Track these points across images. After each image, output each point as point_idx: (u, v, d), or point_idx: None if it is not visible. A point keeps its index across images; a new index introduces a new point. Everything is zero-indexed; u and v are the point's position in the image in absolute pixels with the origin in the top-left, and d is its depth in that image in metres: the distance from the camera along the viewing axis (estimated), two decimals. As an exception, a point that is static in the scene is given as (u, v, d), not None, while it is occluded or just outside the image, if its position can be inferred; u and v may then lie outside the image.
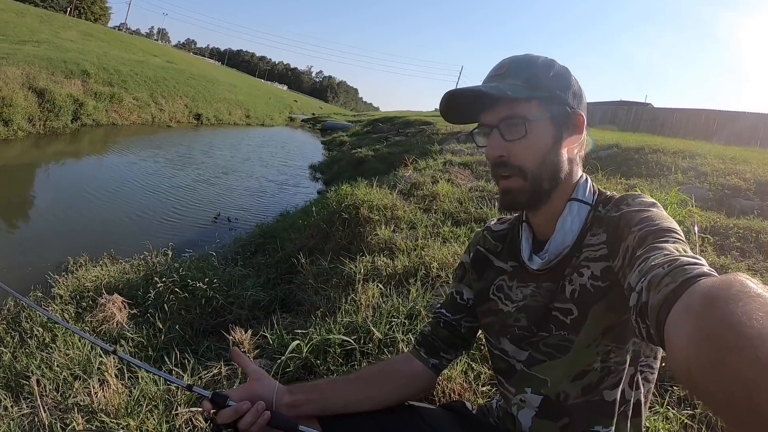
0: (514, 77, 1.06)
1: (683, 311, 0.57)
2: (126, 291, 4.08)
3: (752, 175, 6.45)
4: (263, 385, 1.17)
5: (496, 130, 1.07)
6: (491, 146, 1.08)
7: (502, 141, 1.06)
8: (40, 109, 13.64)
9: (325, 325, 2.71)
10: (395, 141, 16.84)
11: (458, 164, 8.01)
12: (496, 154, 1.07)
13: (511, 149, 1.06)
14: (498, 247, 1.29)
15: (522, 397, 1.17)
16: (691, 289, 0.59)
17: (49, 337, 3.23)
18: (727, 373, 0.46)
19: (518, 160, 1.06)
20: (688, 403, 2.09)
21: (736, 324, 0.47)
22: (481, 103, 1.09)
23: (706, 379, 0.48)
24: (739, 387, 0.44)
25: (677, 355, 0.54)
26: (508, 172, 1.08)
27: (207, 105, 26.37)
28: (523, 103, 1.04)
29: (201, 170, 12.66)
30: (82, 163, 11.65)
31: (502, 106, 1.06)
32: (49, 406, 2.34)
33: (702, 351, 0.49)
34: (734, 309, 0.49)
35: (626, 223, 0.96)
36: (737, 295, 0.51)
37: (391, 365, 1.46)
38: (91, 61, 19.84)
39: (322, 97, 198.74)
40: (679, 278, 0.64)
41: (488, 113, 1.09)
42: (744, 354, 0.45)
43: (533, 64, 1.09)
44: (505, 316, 1.20)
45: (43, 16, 34.31)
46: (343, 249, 4.47)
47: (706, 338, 0.50)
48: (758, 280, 0.53)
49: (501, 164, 1.09)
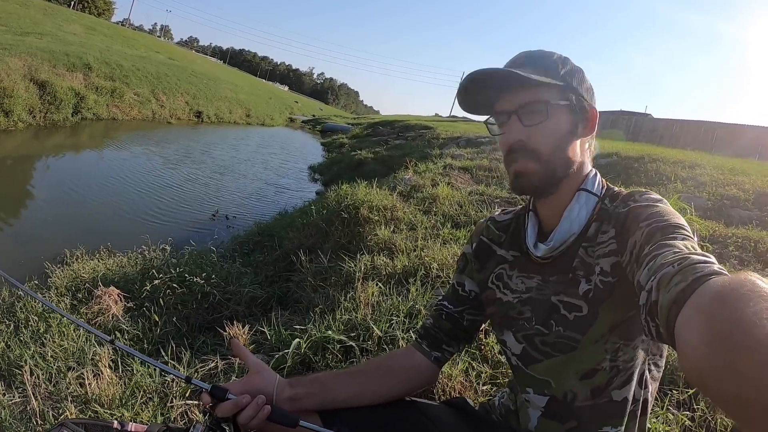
0: (532, 68, 1.06)
1: (694, 311, 0.56)
2: (122, 284, 4.05)
3: (751, 186, 6.48)
4: (264, 378, 1.16)
5: (515, 116, 1.07)
6: (510, 131, 1.08)
7: (521, 126, 1.06)
8: (41, 101, 13.56)
9: (324, 322, 2.70)
10: (395, 144, 16.83)
11: (458, 168, 8.04)
12: (516, 138, 1.07)
13: (530, 133, 1.06)
14: (501, 237, 1.28)
15: (526, 397, 1.16)
16: (701, 288, 0.59)
17: (43, 327, 3.20)
18: (739, 374, 0.45)
19: (536, 143, 1.06)
20: (688, 406, 2.08)
21: (748, 324, 0.47)
22: (498, 90, 1.09)
23: (717, 380, 0.48)
24: (750, 387, 0.44)
25: (688, 356, 0.54)
26: (524, 156, 1.07)
27: (208, 103, 26.32)
28: (544, 88, 1.04)
29: (200, 168, 12.62)
30: (82, 157, 11.60)
31: (521, 93, 1.06)
32: (42, 396, 2.32)
33: (713, 351, 0.49)
34: (745, 309, 0.48)
35: (634, 218, 0.96)
36: (748, 294, 0.50)
37: (392, 358, 1.45)
38: (94, 55, 19.79)
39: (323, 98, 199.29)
40: (690, 277, 0.64)
41: (505, 100, 1.09)
42: (755, 354, 0.44)
43: (549, 58, 1.09)
44: (506, 306, 1.20)
45: (47, 9, 34.26)
46: (342, 248, 4.46)
47: (717, 338, 0.49)
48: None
49: (518, 149, 1.08)
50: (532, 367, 1.14)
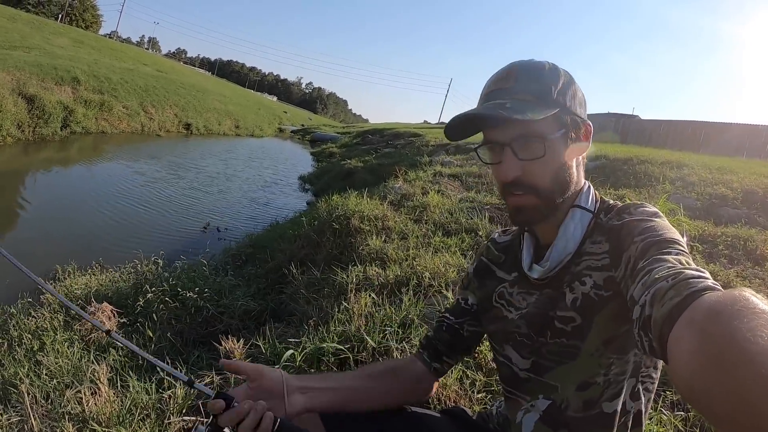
0: (523, 89, 1.03)
1: (687, 326, 0.57)
2: (115, 299, 4.04)
3: (739, 184, 6.54)
4: (269, 379, 1.14)
5: (509, 149, 1.03)
6: (506, 167, 1.04)
7: (516, 160, 1.02)
8: (30, 115, 13.51)
9: (318, 334, 2.70)
10: (384, 152, 16.84)
11: (448, 175, 8.06)
12: (513, 174, 1.03)
13: (527, 168, 1.03)
14: (501, 258, 1.29)
15: (534, 402, 1.15)
16: (695, 303, 0.59)
17: (37, 344, 3.20)
18: (731, 390, 0.46)
19: (533, 179, 1.03)
20: (681, 407, 2.10)
21: (741, 340, 0.47)
22: (497, 120, 1.03)
23: (708, 395, 0.48)
24: (742, 403, 0.44)
25: (680, 371, 0.54)
26: (521, 191, 1.05)
27: (197, 115, 26.26)
28: (540, 121, 0.99)
29: (189, 180, 12.57)
30: (71, 171, 11.53)
31: (514, 124, 1.00)
32: (39, 415, 2.31)
33: (705, 367, 0.49)
34: (738, 325, 0.49)
35: (628, 232, 0.96)
36: (741, 311, 0.50)
37: (396, 364, 1.46)
38: (82, 68, 19.71)
39: (312, 108, 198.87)
40: (684, 292, 0.64)
41: (497, 130, 1.05)
42: (748, 370, 0.45)
43: (541, 74, 1.05)
44: (509, 323, 1.19)
45: (34, 22, 34.11)
46: (334, 259, 4.45)
47: (709, 354, 0.50)
48: (763, 296, 0.53)
49: (514, 184, 1.05)
50: (546, 375, 1.12)
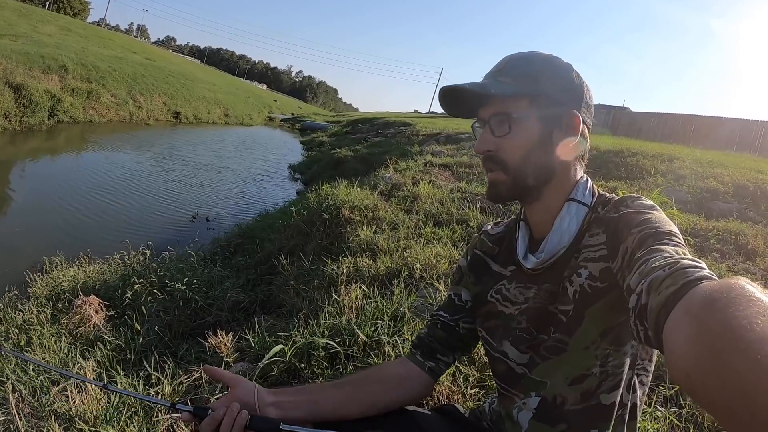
0: (509, 74, 1.08)
1: (683, 314, 0.56)
2: (103, 292, 4.01)
3: (730, 178, 6.57)
4: (243, 389, 1.18)
5: (487, 126, 1.10)
6: (480, 141, 1.12)
7: (491, 136, 1.09)
8: (17, 104, 13.37)
9: (308, 328, 2.67)
10: (375, 142, 16.83)
11: (439, 165, 8.05)
12: (484, 148, 1.11)
13: (500, 144, 1.09)
14: (495, 249, 1.28)
15: (525, 400, 1.15)
16: (691, 292, 0.59)
17: (24, 339, 3.15)
18: (727, 377, 0.45)
19: (504, 155, 1.09)
20: (675, 402, 2.10)
21: (737, 328, 0.47)
22: (479, 98, 1.10)
23: (705, 383, 0.48)
24: (739, 391, 0.44)
25: (676, 359, 0.54)
26: (494, 166, 1.11)
27: (186, 103, 26.11)
28: (509, 100, 1.07)
29: (179, 169, 12.51)
30: (59, 161, 11.42)
31: (493, 102, 1.09)
32: (26, 413, 2.27)
33: (701, 354, 0.49)
34: (735, 313, 0.48)
35: (626, 224, 0.96)
36: (738, 299, 0.50)
37: (382, 369, 1.45)
38: (70, 56, 19.51)
39: (302, 97, 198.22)
40: (680, 281, 0.64)
41: (484, 108, 1.12)
42: (744, 358, 0.44)
43: (530, 62, 1.10)
44: (508, 318, 1.19)
45: (21, 10, 33.60)
46: (324, 250, 4.43)
47: (705, 342, 0.49)
48: (759, 285, 0.53)
49: (489, 158, 1.12)
50: (535, 370, 1.13)
